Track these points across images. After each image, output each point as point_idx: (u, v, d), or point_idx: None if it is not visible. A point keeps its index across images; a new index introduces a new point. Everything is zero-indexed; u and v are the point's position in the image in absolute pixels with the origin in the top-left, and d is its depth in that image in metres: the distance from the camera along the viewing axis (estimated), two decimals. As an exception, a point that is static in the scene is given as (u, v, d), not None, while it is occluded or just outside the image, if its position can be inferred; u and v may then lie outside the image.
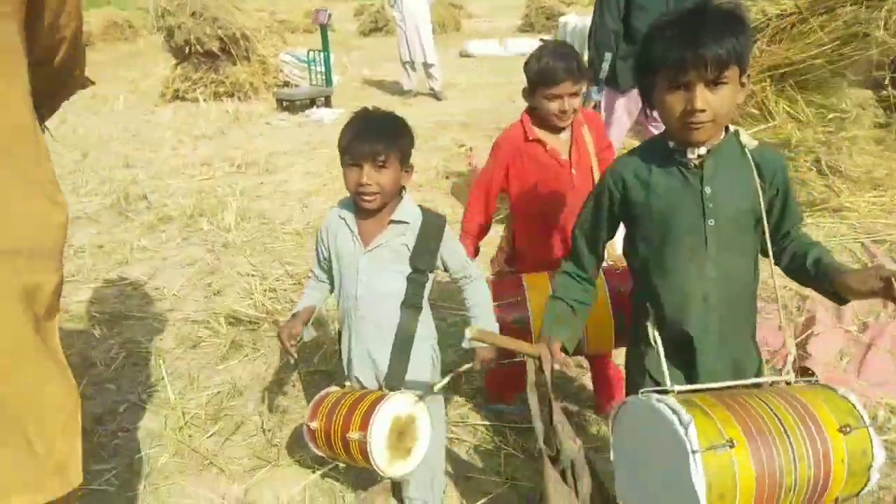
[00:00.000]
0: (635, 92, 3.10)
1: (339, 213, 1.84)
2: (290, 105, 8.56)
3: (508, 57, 12.45)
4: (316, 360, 2.95)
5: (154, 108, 9.00)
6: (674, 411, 1.24)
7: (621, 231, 1.66)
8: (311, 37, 17.26)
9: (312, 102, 8.61)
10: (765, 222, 1.44)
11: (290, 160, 6.32)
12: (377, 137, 1.70)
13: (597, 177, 2.18)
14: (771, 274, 1.49)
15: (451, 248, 1.84)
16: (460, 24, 18.59)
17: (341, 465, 1.98)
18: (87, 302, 3.57)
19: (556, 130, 2.21)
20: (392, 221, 1.78)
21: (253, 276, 3.79)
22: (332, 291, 1.93)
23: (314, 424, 1.78)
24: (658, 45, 1.35)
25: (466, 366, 1.83)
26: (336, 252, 1.83)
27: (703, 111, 1.33)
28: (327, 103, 8.67)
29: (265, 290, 3.57)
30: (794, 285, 2.38)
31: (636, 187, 1.50)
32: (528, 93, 2.19)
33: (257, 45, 9.72)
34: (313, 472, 2.27)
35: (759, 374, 1.53)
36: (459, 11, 19.65)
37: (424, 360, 1.85)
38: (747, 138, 1.46)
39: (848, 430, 1.27)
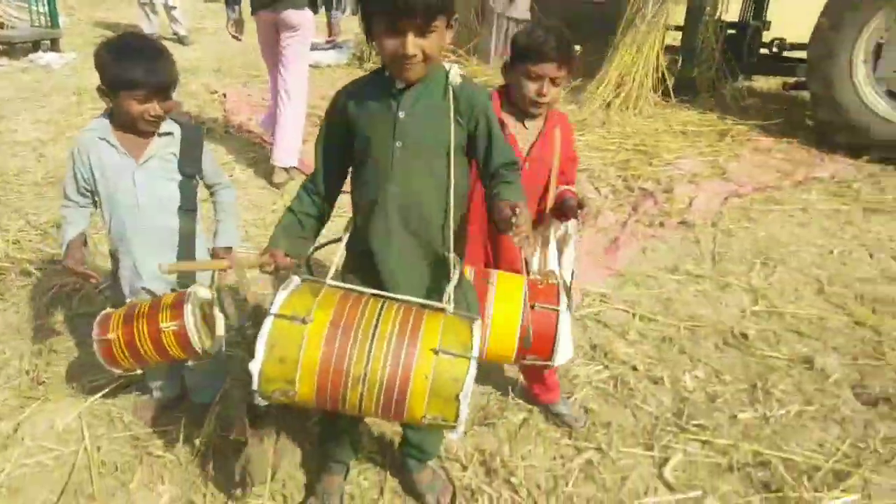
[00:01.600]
0: None
1: (96, 135, 1.92)
2: (7, 49, 7.59)
3: (258, 2, 12.07)
4: (75, 302, 2.93)
5: None
6: (293, 288, 1.50)
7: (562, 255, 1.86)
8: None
9: (36, 46, 7.72)
10: (451, 151, 1.57)
11: (16, 108, 5.70)
12: None
13: (553, 184, 2.04)
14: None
15: (209, 156, 2.05)
16: (204, -35, 17.40)
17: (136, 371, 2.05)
18: None
19: (525, 116, 2.04)
20: (159, 134, 1.92)
21: (-11, 229, 3.54)
22: (96, 208, 2.02)
23: (111, 335, 1.88)
24: None
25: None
26: (101, 170, 1.92)
27: (413, 55, 1.46)
28: (54, 47, 7.83)
29: (8, 242, 3.37)
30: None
31: (353, 109, 1.62)
32: (508, 67, 2.02)
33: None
34: (85, 400, 2.35)
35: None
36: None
37: (206, 256, 2.07)
38: (454, 75, 1.59)
39: (442, 353, 1.40)
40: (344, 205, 1.73)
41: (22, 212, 3.77)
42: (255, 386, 1.43)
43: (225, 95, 6.18)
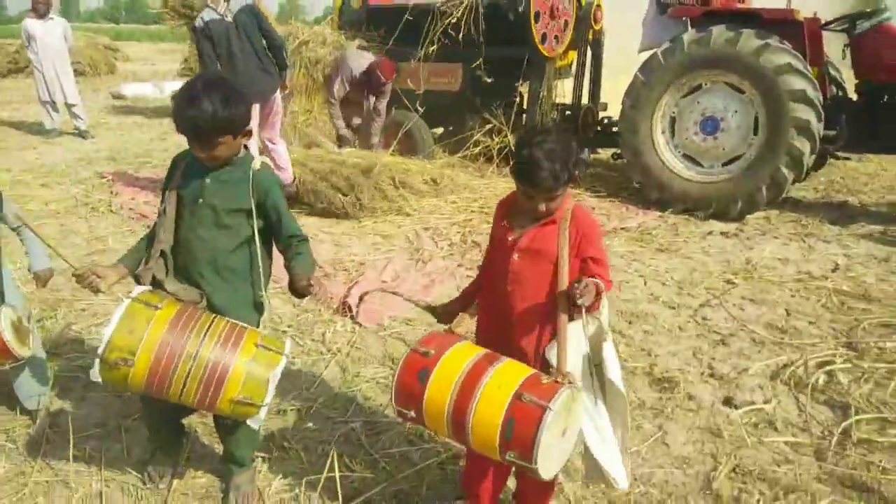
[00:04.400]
0: None
1: None
2: None
3: (163, 99, 12.84)
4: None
5: None
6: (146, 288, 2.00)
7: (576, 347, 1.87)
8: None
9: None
10: (253, 217, 2.10)
11: None
12: None
13: (563, 281, 1.89)
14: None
15: (11, 205, 2.58)
16: (115, 67, 18.22)
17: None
18: None
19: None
20: None
21: None
22: None
23: None
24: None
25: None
26: None
27: (205, 158, 2.04)
28: (-47, 143, 8.26)
29: None
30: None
31: (178, 171, 2.17)
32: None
33: None
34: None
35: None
36: (116, 54, 19.21)
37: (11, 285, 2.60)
38: (256, 163, 2.14)
39: (262, 348, 1.90)
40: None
41: None
42: (100, 350, 1.78)
43: (113, 179, 6.73)
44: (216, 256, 2.14)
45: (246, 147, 2.18)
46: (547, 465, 1.73)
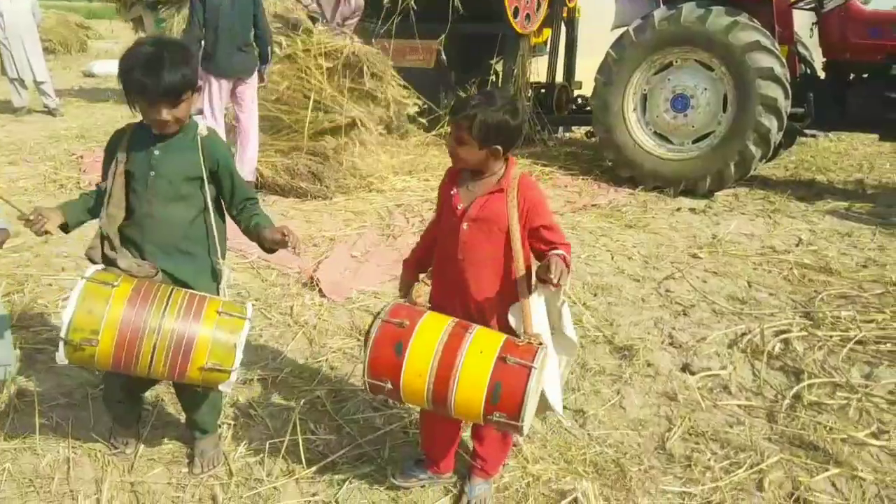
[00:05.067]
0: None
1: None
2: None
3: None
4: None
5: None
6: (91, 269, 1.97)
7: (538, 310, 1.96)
8: None
9: None
10: (206, 184, 2.11)
11: None
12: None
13: (516, 248, 1.96)
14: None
15: None
16: (87, 45, 17.89)
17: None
18: None
19: (477, 175, 2.02)
20: None
21: None
22: None
23: None
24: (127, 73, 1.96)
25: None
26: None
27: (166, 121, 2.02)
28: (-82, 121, 8.11)
29: None
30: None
31: (120, 147, 2.13)
32: None
33: None
34: None
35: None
36: (88, 31, 18.84)
37: None
38: (202, 129, 2.16)
39: (224, 314, 1.93)
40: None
41: None
42: (62, 333, 1.80)
43: (82, 157, 6.66)
44: (175, 229, 2.14)
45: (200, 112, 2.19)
46: (527, 421, 1.82)
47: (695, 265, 4.43)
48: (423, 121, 7.10)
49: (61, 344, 1.86)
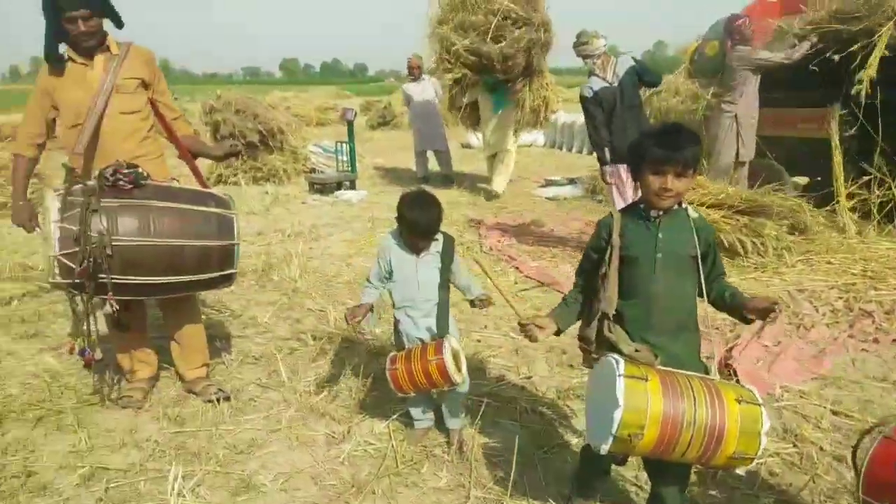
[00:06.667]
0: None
1: (394, 241, 3.00)
2: (321, 187, 9.95)
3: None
4: (381, 361, 4.08)
5: (201, 191, 10.39)
6: (616, 361, 1.98)
7: None
8: (324, 129, 18.96)
9: (339, 185, 10.01)
10: (699, 261, 2.20)
11: (329, 231, 7.61)
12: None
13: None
14: (705, 308, 2.29)
15: (458, 259, 3.03)
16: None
17: (411, 395, 2.99)
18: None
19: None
20: (433, 239, 2.97)
21: (322, 311, 4.96)
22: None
23: (397, 366, 2.88)
24: (647, 144, 2.15)
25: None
26: (397, 263, 2.97)
27: (670, 190, 2.13)
28: (352, 186, 10.08)
29: (334, 319, 4.74)
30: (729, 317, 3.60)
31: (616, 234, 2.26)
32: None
33: (290, 137, 11.26)
34: (393, 414, 3.39)
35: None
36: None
37: (452, 318, 3.05)
38: (692, 211, 2.26)
39: (743, 401, 1.92)
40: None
41: (340, 301, 5.20)
42: (613, 430, 1.89)
43: (481, 222, 7.52)
44: (677, 305, 2.24)
45: None
46: None
47: None
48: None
49: (609, 438, 1.94)
